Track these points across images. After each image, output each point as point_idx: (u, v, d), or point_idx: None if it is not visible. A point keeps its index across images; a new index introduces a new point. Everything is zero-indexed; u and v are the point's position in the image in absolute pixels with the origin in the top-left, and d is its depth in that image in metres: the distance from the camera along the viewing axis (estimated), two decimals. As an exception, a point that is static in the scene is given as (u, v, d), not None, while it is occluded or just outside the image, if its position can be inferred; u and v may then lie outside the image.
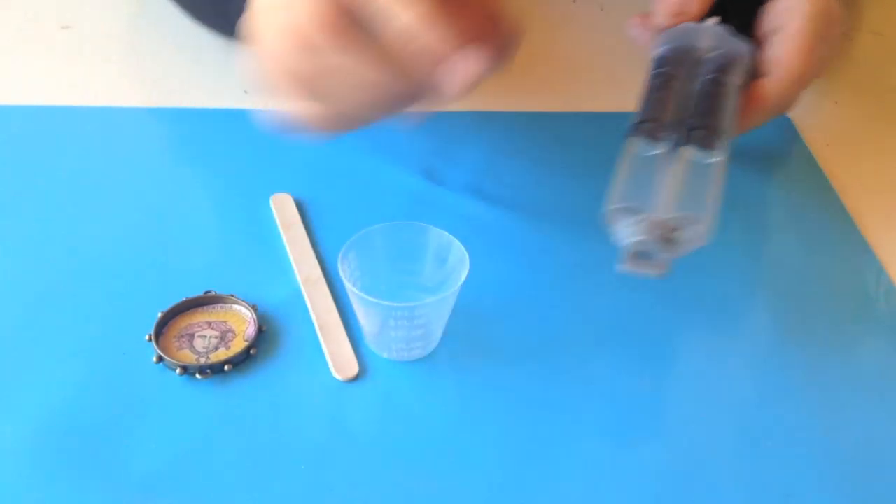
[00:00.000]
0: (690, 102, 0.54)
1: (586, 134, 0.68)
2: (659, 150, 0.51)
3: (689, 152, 0.51)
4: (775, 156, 0.67)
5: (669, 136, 0.52)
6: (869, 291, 0.58)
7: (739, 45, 0.57)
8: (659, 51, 0.58)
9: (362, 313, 0.50)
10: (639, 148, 0.52)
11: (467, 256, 0.49)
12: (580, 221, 0.60)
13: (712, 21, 0.58)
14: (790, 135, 0.69)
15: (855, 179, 0.66)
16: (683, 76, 0.55)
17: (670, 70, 0.56)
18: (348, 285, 0.48)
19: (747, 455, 0.48)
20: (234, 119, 0.66)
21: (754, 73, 0.58)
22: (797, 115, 0.70)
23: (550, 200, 0.62)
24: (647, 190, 0.49)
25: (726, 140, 0.52)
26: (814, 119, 0.70)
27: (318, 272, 0.55)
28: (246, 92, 0.69)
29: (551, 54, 0.76)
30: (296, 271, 0.55)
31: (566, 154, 0.66)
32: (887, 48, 0.80)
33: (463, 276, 0.49)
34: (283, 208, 0.59)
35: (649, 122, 0.52)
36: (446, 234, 0.51)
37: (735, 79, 0.56)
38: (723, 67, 0.56)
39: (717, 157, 0.51)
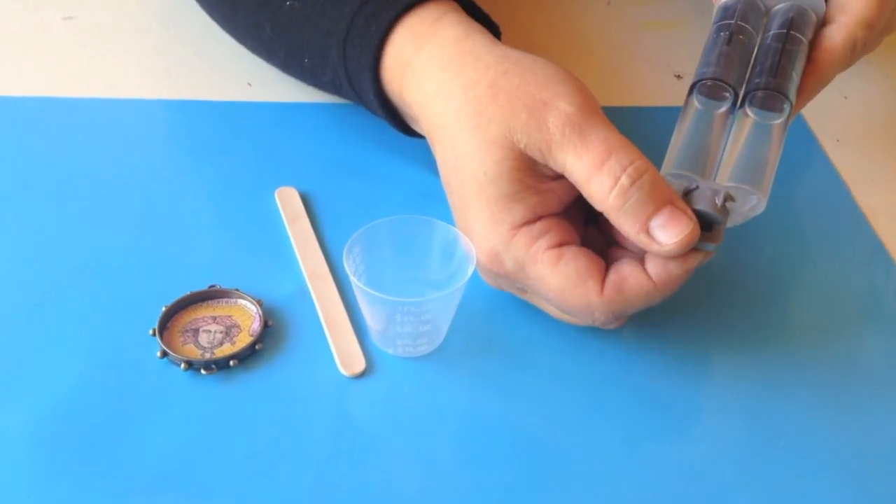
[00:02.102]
0: (756, 59, 0.52)
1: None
2: (720, 108, 0.50)
3: (751, 113, 0.50)
4: (784, 152, 0.67)
5: (732, 95, 0.50)
6: (879, 287, 0.57)
7: None
8: (724, 0, 0.55)
9: (368, 309, 0.50)
10: (698, 107, 0.50)
11: (474, 251, 0.49)
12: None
13: None
14: (800, 130, 0.69)
15: (865, 174, 0.65)
16: (750, 30, 0.53)
17: (736, 22, 0.53)
18: (354, 280, 0.48)
19: (755, 454, 0.48)
20: (239, 112, 0.66)
21: (823, 25, 0.54)
22: (806, 110, 0.70)
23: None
24: (703, 157, 0.48)
25: (791, 101, 0.50)
26: (823, 114, 0.70)
27: (324, 267, 0.54)
28: (250, 84, 0.68)
29: (557, 49, 0.75)
30: (302, 266, 0.54)
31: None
32: (897, 43, 0.80)
33: (470, 271, 0.48)
34: (288, 202, 0.58)
35: (711, 81, 0.50)
36: (453, 228, 0.50)
37: (805, 35, 0.53)
38: (792, 22, 0.53)
39: (780, 119, 0.50)
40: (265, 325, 0.51)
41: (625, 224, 0.46)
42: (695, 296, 0.55)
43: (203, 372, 0.49)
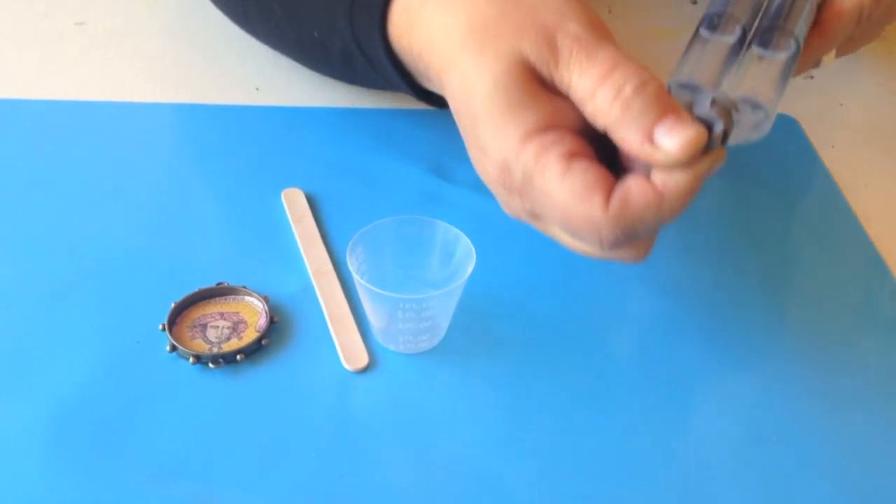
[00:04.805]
0: (765, 10, 0.52)
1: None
2: (729, 40, 0.49)
3: (759, 51, 0.49)
4: (780, 157, 0.68)
5: (737, 35, 0.50)
6: (874, 292, 0.58)
7: None
8: None
9: (370, 306, 0.51)
10: (704, 38, 0.49)
11: (474, 250, 0.50)
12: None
13: None
14: (795, 136, 0.69)
15: (860, 180, 0.66)
16: None
17: None
18: (357, 278, 0.49)
19: (752, 455, 0.49)
20: (247, 115, 0.67)
21: None
22: (802, 116, 0.71)
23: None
24: (712, 70, 0.47)
25: (796, 47, 0.50)
26: (819, 120, 0.71)
27: (328, 265, 0.56)
28: (257, 89, 0.70)
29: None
30: (307, 264, 0.56)
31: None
32: (892, 51, 0.81)
33: (469, 270, 0.49)
34: (293, 203, 0.60)
35: (719, 20, 0.50)
36: (454, 228, 0.51)
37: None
38: None
39: (787, 54, 0.49)
40: (271, 321, 0.52)
41: (628, 135, 0.44)
42: (690, 298, 0.56)
43: (211, 366, 0.50)
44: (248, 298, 0.53)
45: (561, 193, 0.44)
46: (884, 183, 0.67)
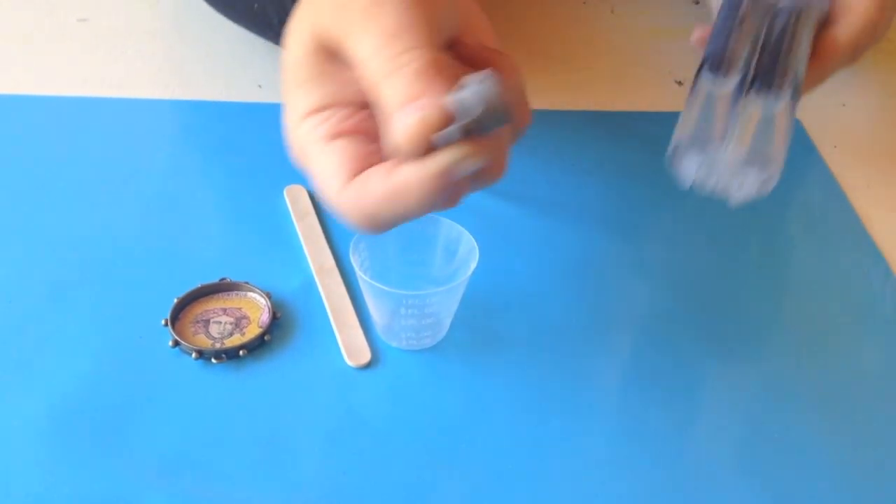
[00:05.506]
0: (762, 46, 0.52)
1: (595, 132, 0.68)
2: (727, 87, 0.50)
3: (758, 97, 0.50)
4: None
5: (739, 76, 0.51)
6: (876, 292, 0.58)
7: None
8: None
9: (373, 303, 0.51)
10: (707, 85, 0.50)
11: (477, 248, 0.50)
12: (589, 216, 0.61)
13: None
14: (798, 136, 0.70)
15: (863, 181, 0.66)
16: (757, 18, 0.53)
17: (743, 10, 0.53)
18: (360, 274, 0.49)
19: (753, 454, 0.49)
20: (250, 112, 0.67)
21: (826, 22, 0.55)
22: (805, 117, 0.71)
23: (559, 195, 0.62)
24: (713, 130, 0.48)
25: (795, 87, 0.51)
26: (822, 121, 0.71)
27: (331, 262, 0.56)
28: (260, 86, 0.70)
29: (562, 55, 0.77)
30: (309, 261, 0.56)
31: (575, 151, 0.66)
32: (893, 52, 0.81)
33: (472, 267, 0.49)
34: (297, 200, 0.60)
35: (720, 59, 0.51)
36: (457, 225, 0.51)
37: (808, 27, 0.53)
38: (797, 14, 0.53)
39: (784, 101, 0.50)
40: (274, 317, 0.52)
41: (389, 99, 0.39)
42: (693, 297, 0.56)
43: (213, 361, 0.50)
44: (250, 294, 0.53)
45: (316, 170, 0.42)
46: (886, 183, 0.67)
